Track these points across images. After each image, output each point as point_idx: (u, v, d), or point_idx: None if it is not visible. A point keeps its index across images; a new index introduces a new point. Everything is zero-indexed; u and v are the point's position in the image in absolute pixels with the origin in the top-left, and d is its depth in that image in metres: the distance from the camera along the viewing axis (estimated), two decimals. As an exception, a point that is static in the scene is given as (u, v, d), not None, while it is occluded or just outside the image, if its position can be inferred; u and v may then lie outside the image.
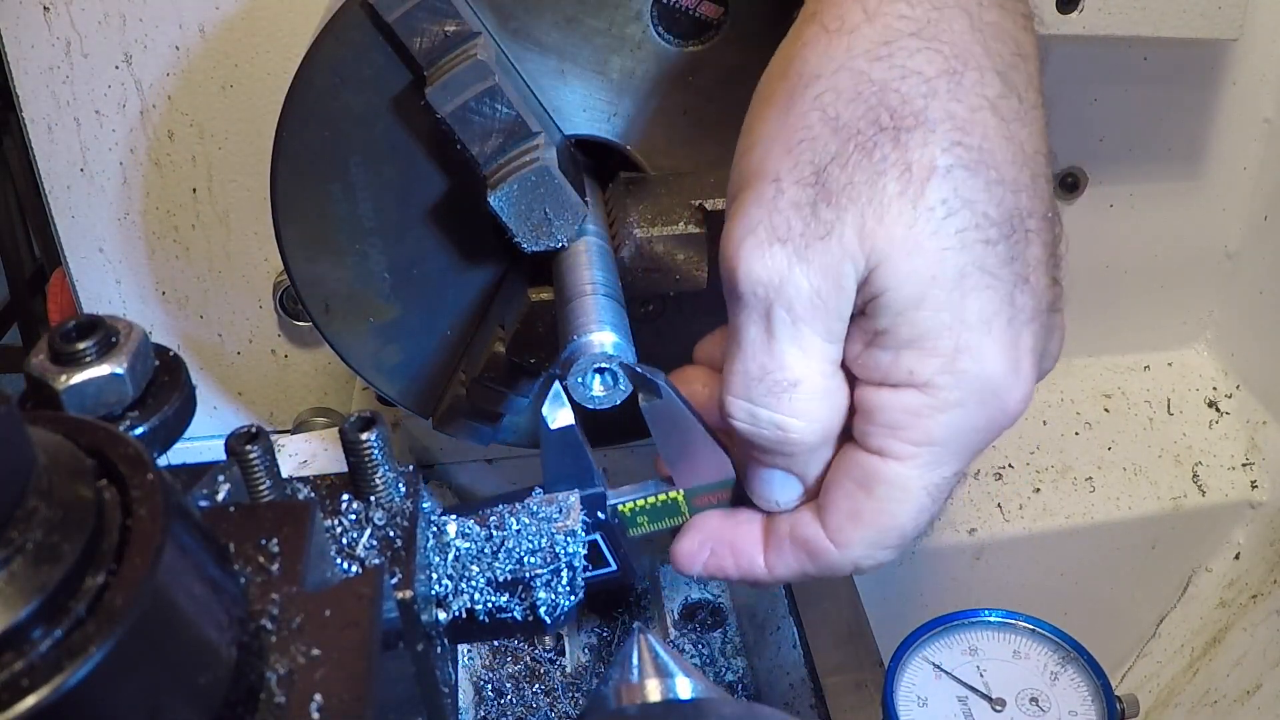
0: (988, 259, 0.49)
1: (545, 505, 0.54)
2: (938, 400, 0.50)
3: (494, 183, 0.60)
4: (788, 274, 0.49)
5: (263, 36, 0.84)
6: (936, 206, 0.48)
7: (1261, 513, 1.06)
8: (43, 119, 0.86)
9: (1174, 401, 1.13)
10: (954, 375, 0.50)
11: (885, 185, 0.48)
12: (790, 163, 0.50)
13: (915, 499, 0.53)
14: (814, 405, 0.52)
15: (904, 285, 0.49)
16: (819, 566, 0.57)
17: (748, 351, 0.52)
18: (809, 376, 0.51)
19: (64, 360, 0.40)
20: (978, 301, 0.49)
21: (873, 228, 0.48)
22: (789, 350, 0.51)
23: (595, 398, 0.56)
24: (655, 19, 0.63)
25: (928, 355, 0.50)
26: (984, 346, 0.49)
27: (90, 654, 0.26)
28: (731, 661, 0.88)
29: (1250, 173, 1.05)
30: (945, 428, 0.51)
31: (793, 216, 0.49)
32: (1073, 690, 0.67)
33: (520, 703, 0.84)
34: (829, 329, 0.51)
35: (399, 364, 0.73)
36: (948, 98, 0.49)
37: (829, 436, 0.54)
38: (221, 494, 0.41)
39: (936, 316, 0.49)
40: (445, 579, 0.50)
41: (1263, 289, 1.09)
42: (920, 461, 0.52)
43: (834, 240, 0.49)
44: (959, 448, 0.52)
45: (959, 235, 0.48)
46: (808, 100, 0.50)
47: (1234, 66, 0.98)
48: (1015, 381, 0.50)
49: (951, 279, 0.49)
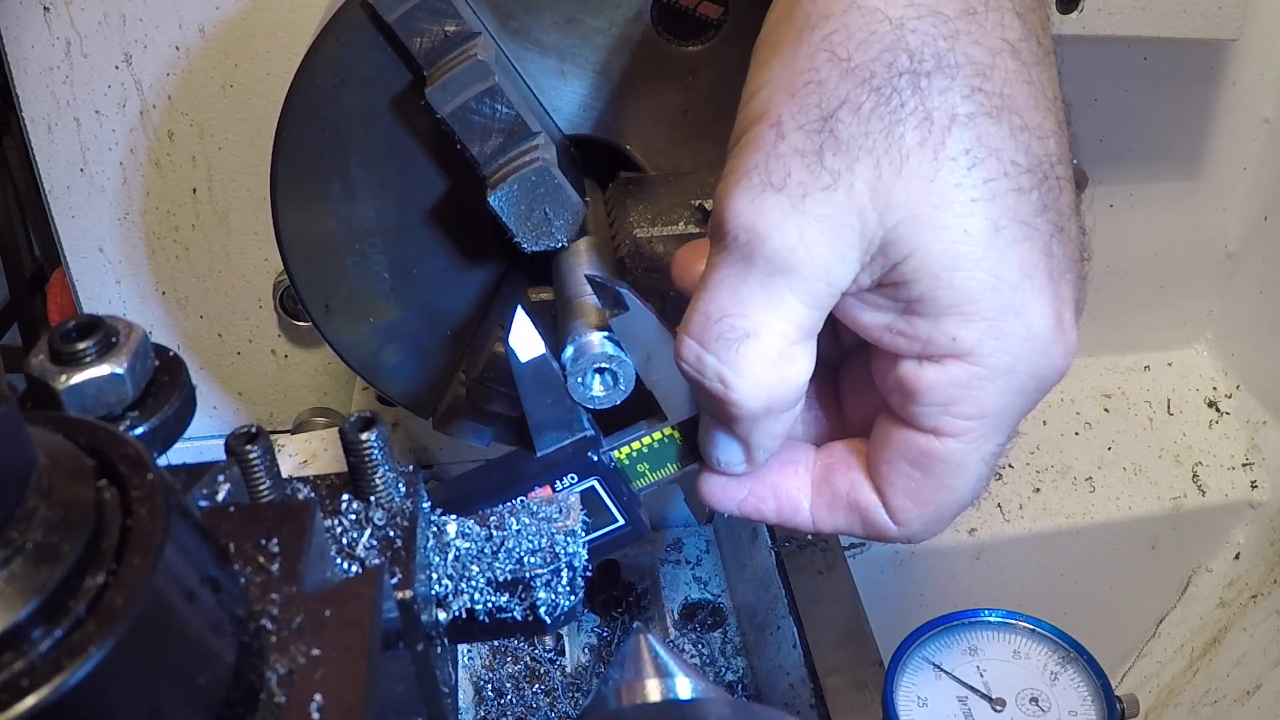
0: (1022, 208, 0.46)
1: (545, 505, 0.54)
2: (987, 368, 0.47)
3: (494, 183, 0.60)
4: (778, 223, 0.46)
5: (263, 36, 0.84)
6: (960, 156, 0.45)
7: (1261, 513, 1.06)
8: (43, 119, 0.86)
9: (1174, 401, 1.13)
10: (1001, 339, 0.46)
11: (903, 135, 0.44)
12: (794, 107, 0.46)
13: (974, 471, 0.51)
14: (764, 368, 0.48)
15: (933, 244, 0.45)
16: (870, 533, 0.55)
17: (713, 290, 0.48)
18: (767, 333, 0.47)
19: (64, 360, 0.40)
20: (1018, 255, 0.46)
21: (889, 181, 0.45)
22: (756, 297, 0.47)
23: (595, 398, 0.56)
24: (655, 19, 0.63)
25: (970, 319, 0.46)
26: (1029, 303, 0.46)
27: (90, 654, 0.26)
28: (731, 661, 0.88)
29: (1250, 173, 1.05)
30: (997, 397, 0.48)
31: (794, 163, 0.45)
32: (1073, 690, 0.67)
33: (520, 703, 0.84)
34: (811, 291, 0.47)
35: (399, 364, 0.73)
36: (968, 40, 0.45)
37: (774, 410, 0.50)
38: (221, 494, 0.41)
39: (974, 276, 0.45)
40: (445, 579, 0.50)
41: (1263, 289, 1.09)
42: (976, 435, 0.49)
43: (840, 191, 0.45)
44: (1013, 413, 0.49)
45: (988, 185, 0.45)
46: (815, 41, 0.46)
47: (1234, 66, 0.98)
48: (1060, 336, 0.47)
49: (985, 233, 0.45)
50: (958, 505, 0.52)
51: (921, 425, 0.50)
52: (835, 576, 0.84)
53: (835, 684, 0.76)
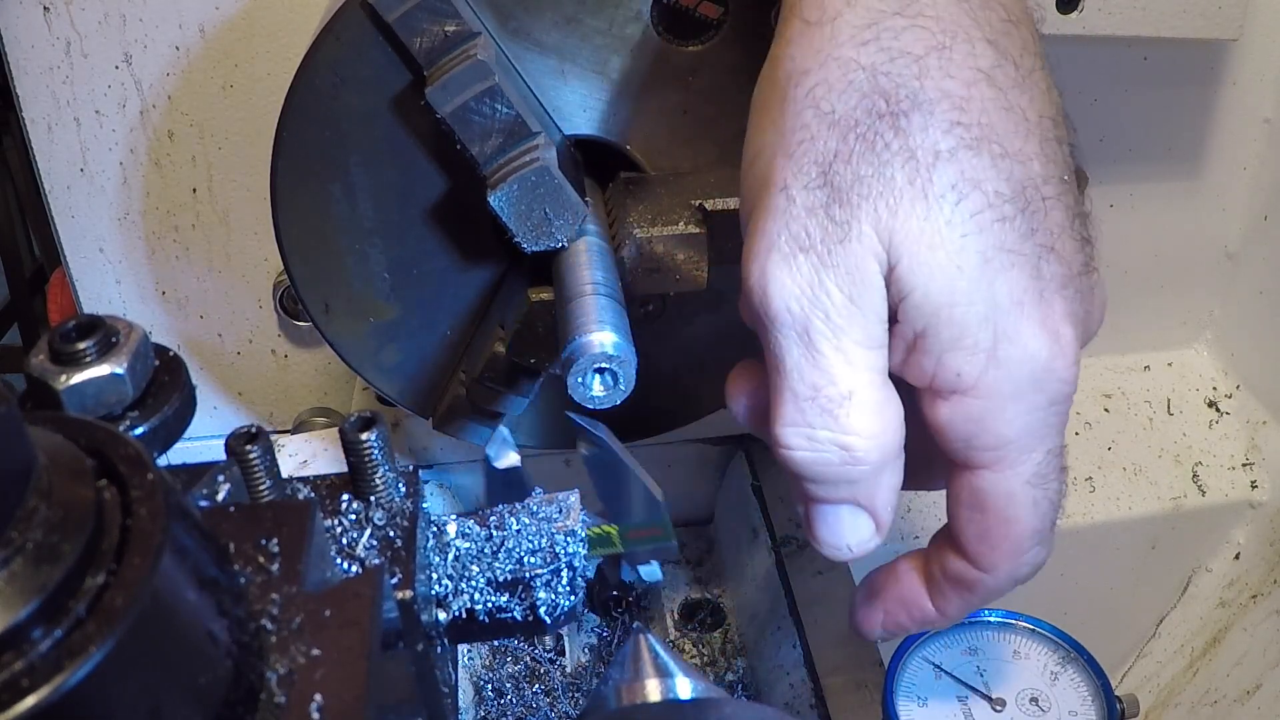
0: (1007, 237, 0.47)
1: (545, 505, 0.54)
2: (994, 399, 0.49)
3: (494, 183, 0.60)
4: (818, 283, 0.47)
5: (263, 36, 0.84)
6: (947, 194, 0.46)
7: (1261, 513, 1.06)
8: (43, 119, 0.86)
9: (1174, 401, 1.13)
10: (1000, 368, 0.48)
11: (893, 175, 0.46)
12: (794, 167, 0.48)
13: (1024, 496, 0.51)
14: (871, 418, 0.49)
15: (931, 281, 0.47)
16: (983, 596, 0.56)
17: (794, 373, 0.49)
18: (861, 388, 0.49)
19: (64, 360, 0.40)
20: (1006, 283, 0.47)
21: (889, 222, 0.46)
22: (835, 362, 0.48)
23: (595, 398, 0.56)
24: (655, 19, 0.63)
25: (969, 353, 0.48)
26: (1021, 328, 0.48)
27: (90, 654, 0.26)
28: (731, 661, 0.88)
29: (1250, 173, 1.05)
30: (1012, 423, 0.49)
31: (810, 223, 0.47)
32: (1073, 690, 0.67)
33: (520, 703, 0.84)
34: (868, 333, 0.48)
35: (399, 364, 0.73)
36: (940, 75, 0.47)
37: (890, 453, 0.51)
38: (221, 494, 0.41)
39: (970, 309, 0.47)
40: (445, 579, 0.50)
41: (1263, 289, 1.09)
42: (1006, 462, 0.50)
43: (854, 241, 0.47)
44: (1036, 432, 0.50)
45: (975, 219, 0.47)
46: (800, 98, 0.48)
47: (1234, 66, 0.98)
48: (1059, 352, 0.48)
49: (976, 266, 0.47)
50: (1030, 534, 0.53)
51: (958, 462, 0.52)
52: (835, 576, 0.84)
53: (835, 684, 0.76)
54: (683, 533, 1.01)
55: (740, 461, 0.95)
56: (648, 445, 0.93)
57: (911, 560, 0.59)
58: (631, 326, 0.58)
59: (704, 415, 0.81)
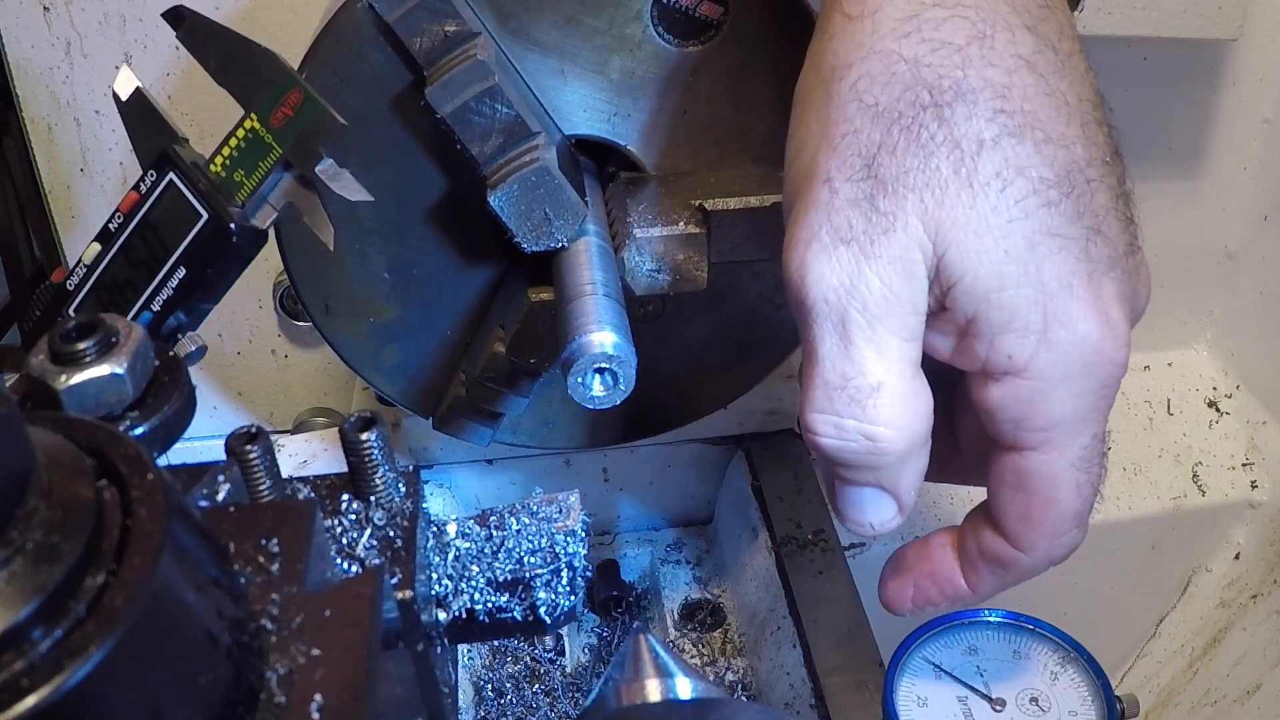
0: (1054, 221, 0.47)
1: (545, 505, 0.54)
2: (1044, 380, 0.49)
3: (494, 183, 0.60)
4: (857, 274, 0.48)
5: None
6: (992, 181, 0.47)
7: (1261, 513, 1.06)
8: (43, 119, 0.86)
9: (1174, 401, 1.13)
10: (1051, 350, 0.48)
11: (938, 166, 0.47)
12: (838, 160, 0.48)
13: (1068, 478, 0.52)
14: (899, 410, 0.50)
15: (979, 268, 0.47)
16: (1017, 575, 0.57)
17: (826, 362, 0.50)
18: (890, 379, 0.50)
19: (64, 360, 0.40)
20: (1054, 266, 0.48)
21: (935, 212, 0.47)
22: (867, 353, 0.49)
23: (595, 398, 0.56)
24: (655, 19, 0.63)
25: (1020, 335, 0.48)
26: (1071, 311, 0.48)
27: (90, 654, 0.26)
28: (731, 661, 0.88)
29: (1250, 173, 1.05)
30: (1062, 404, 0.50)
31: (852, 215, 0.48)
32: (1073, 690, 0.67)
33: (520, 703, 0.84)
34: (905, 325, 0.49)
35: (399, 364, 0.73)
36: (982, 64, 0.47)
37: (916, 443, 0.52)
38: (221, 494, 0.41)
39: (1019, 293, 0.48)
40: (445, 579, 0.50)
41: (1263, 289, 1.09)
42: (1054, 444, 0.51)
43: (899, 231, 0.47)
44: (1085, 415, 0.51)
45: (1020, 205, 0.47)
46: (843, 92, 0.49)
47: (1234, 66, 0.98)
48: (1110, 334, 0.49)
49: (1023, 251, 0.47)
50: (1069, 516, 0.53)
51: (1004, 443, 0.52)
52: (835, 576, 0.84)
53: (835, 684, 0.76)
54: (683, 533, 1.01)
55: (740, 461, 0.95)
56: (648, 445, 0.93)
57: (945, 536, 0.60)
58: (631, 326, 0.58)
59: (704, 415, 0.81)
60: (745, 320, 0.76)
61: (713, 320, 0.75)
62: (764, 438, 0.95)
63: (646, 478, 0.98)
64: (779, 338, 0.77)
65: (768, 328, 0.76)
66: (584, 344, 0.55)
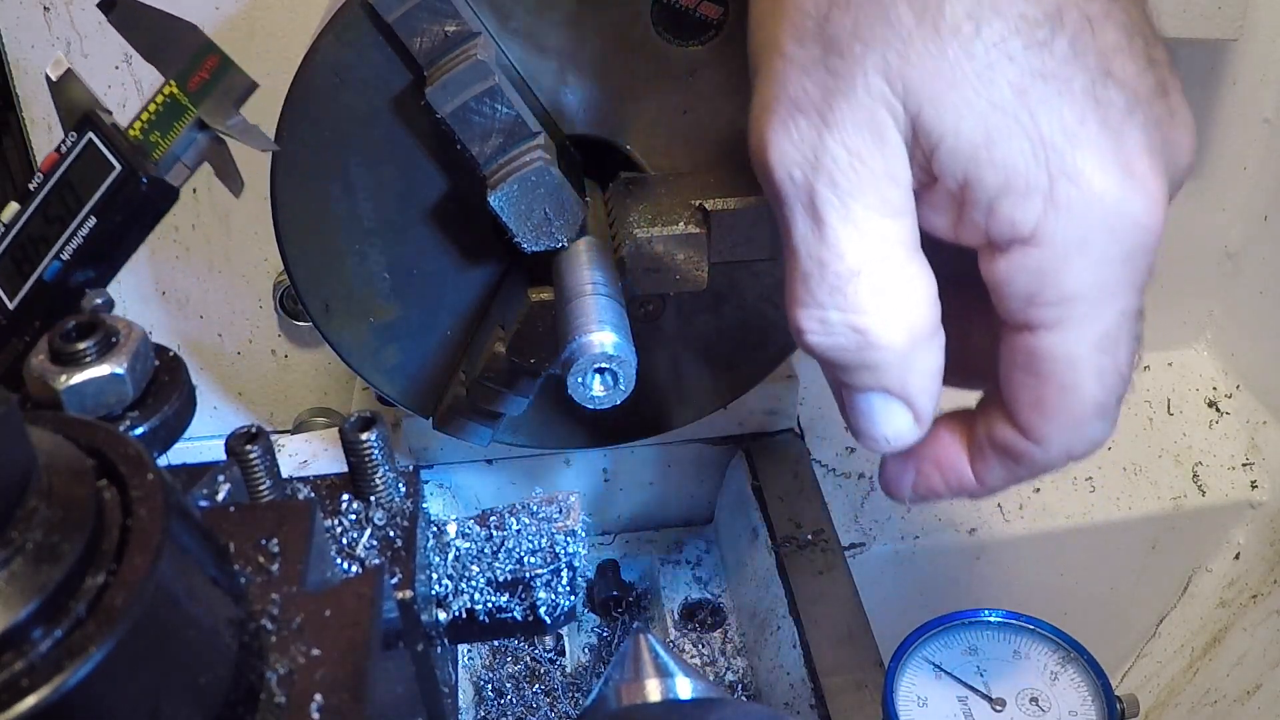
0: (1045, 62, 0.42)
1: (545, 505, 0.54)
2: (1055, 247, 0.43)
3: (494, 183, 0.60)
4: (820, 145, 0.43)
5: (263, 36, 0.84)
6: (963, 24, 0.41)
7: (1261, 513, 1.06)
8: (43, 119, 0.86)
9: (1174, 401, 1.13)
10: (1061, 211, 0.42)
11: (900, 16, 0.42)
12: (788, 24, 0.44)
13: (1088, 362, 0.45)
14: (887, 297, 0.45)
15: (961, 123, 0.42)
16: (1030, 469, 0.50)
17: (801, 249, 0.45)
18: (872, 261, 0.44)
19: (64, 360, 0.40)
20: (1053, 113, 0.42)
21: (899, 67, 0.42)
22: (843, 234, 0.44)
23: (595, 398, 0.56)
24: (655, 19, 0.63)
25: (1021, 196, 0.42)
26: (1081, 164, 0.42)
27: (90, 654, 0.26)
28: (731, 661, 0.88)
29: (1250, 173, 1.05)
30: (1080, 275, 0.43)
31: (806, 82, 0.43)
32: (1073, 690, 0.67)
33: (520, 703, 0.84)
34: (884, 200, 0.44)
35: (399, 364, 0.73)
36: None
37: (918, 336, 0.46)
38: (221, 494, 0.41)
39: (1012, 146, 0.42)
40: (445, 579, 0.50)
41: (1263, 289, 1.09)
42: (1071, 322, 0.44)
43: (860, 92, 0.42)
44: (1108, 288, 0.44)
45: (999, 47, 0.41)
46: None
47: (1234, 66, 0.98)
48: (1134, 186, 0.42)
49: (1010, 98, 0.41)
50: (1091, 405, 0.46)
51: (1014, 323, 0.46)
52: (835, 576, 0.84)
53: (835, 684, 0.76)
54: (683, 533, 1.01)
55: (740, 461, 0.95)
56: (648, 445, 0.93)
57: (952, 421, 0.53)
58: (631, 326, 0.58)
59: (704, 415, 0.81)
60: (745, 320, 0.76)
61: (713, 320, 0.75)
62: (764, 438, 0.95)
63: (646, 478, 0.98)
64: (779, 338, 0.77)
65: (768, 328, 0.76)
66: (584, 344, 0.55)
